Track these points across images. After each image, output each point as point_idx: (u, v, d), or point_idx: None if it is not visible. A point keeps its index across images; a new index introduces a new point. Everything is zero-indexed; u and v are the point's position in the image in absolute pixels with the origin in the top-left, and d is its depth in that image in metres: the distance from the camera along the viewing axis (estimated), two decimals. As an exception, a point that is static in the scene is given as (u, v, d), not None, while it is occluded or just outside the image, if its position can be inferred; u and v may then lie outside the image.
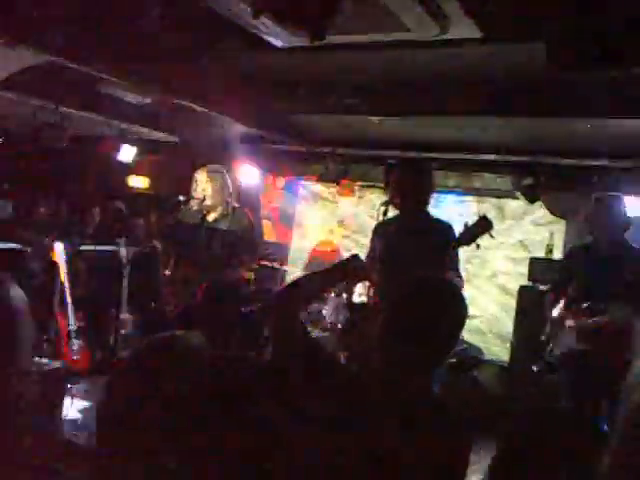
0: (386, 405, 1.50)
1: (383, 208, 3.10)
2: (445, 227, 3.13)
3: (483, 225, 2.77)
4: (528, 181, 4.85)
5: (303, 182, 6.90)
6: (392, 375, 1.57)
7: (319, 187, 6.61)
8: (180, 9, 2.69)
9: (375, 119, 4.08)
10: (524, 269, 5.18)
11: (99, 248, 5.15)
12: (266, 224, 7.02)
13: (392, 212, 3.20)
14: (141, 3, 2.64)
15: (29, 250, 4.91)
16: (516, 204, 5.50)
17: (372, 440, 1.44)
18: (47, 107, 4.52)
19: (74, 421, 3.64)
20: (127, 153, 5.45)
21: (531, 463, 1.10)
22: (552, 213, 5.30)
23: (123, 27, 2.93)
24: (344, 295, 5.17)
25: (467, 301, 1.71)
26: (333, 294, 5.24)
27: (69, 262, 4.70)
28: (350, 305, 3.31)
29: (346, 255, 2.15)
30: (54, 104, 4.46)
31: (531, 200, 4.96)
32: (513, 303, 5.15)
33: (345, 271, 2.01)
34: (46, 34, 2.69)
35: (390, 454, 1.43)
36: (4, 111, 4.83)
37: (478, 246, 2.79)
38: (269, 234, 7.02)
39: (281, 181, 7.05)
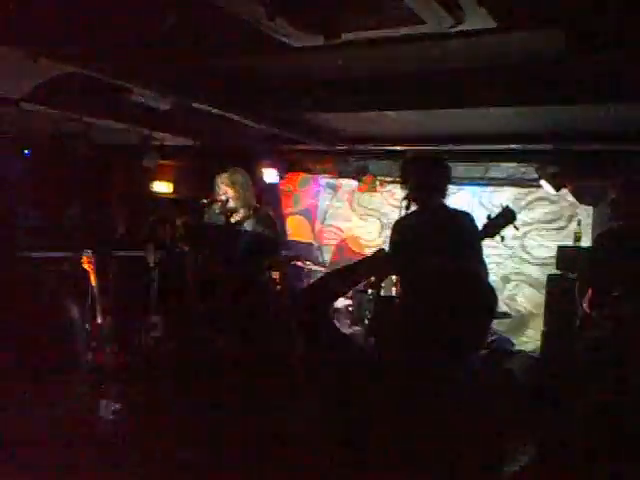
0: (419, 396, 1.50)
1: (405, 202, 3.09)
2: (464, 217, 3.10)
3: (506, 216, 2.75)
4: (553, 169, 4.78)
5: (326, 179, 6.91)
6: (422, 368, 1.57)
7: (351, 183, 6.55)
8: (196, 12, 2.72)
9: (392, 114, 4.07)
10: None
11: (127, 253, 5.25)
12: (301, 220, 7.06)
13: (415, 206, 3.19)
14: (158, 8, 2.67)
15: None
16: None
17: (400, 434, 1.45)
18: (71, 117, 4.61)
19: (108, 422, 3.70)
20: (151, 159, 5.53)
21: None
22: (579, 200, 5.22)
23: (140, 32, 2.98)
24: (369, 290, 5.18)
25: (495, 292, 1.69)
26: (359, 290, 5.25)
27: (99, 268, 4.79)
28: (377, 299, 3.31)
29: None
30: (77, 114, 4.56)
31: (557, 188, 4.90)
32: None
33: (371, 266, 2.02)
34: (66, 45, 2.75)
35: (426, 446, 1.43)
36: (30, 123, 4.95)
37: (502, 238, 2.77)
38: (305, 231, 7.05)
39: (306, 179, 7.08)
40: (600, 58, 2.69)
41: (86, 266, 4.74)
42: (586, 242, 5.00)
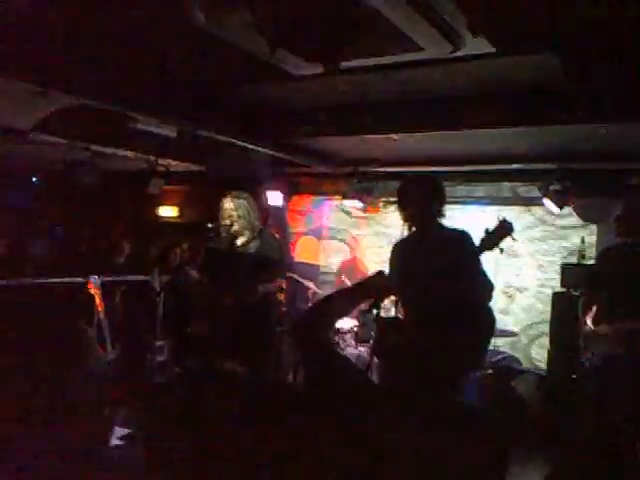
0: (418, 419, 1.51)
1: (406, 225, 3.12)
2: (461, 236, 3.11)
3: (504, 228, 2.78)
4: (556, 187, 4.82)
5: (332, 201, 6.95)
6: (421, 386, 1.58)
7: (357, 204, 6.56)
8: (199, 44, 2.79)
9: (394, 136, 4.13)
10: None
11: (133, 278, 5.28)
12: (312, 240, 7.10)
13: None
14: (166, 41, 2.75)
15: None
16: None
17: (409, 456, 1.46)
18: (78, 146, 4.70)
19: (115, 448, 3.69)
20: (156, 185, 5.60)
21: None
22: (582, 218, 5.25)
23: (148, 63, 3.05)
24: (374, 311, 5.17)
25: (493, 312, 1.72)
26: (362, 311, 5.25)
27: (104, 294, 4.83)
28: (378, 321, 3.32)
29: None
30: (84, 143, 4.64)
31: (560, 206, 4.92)
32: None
33: (371, 287, 2.03)
34: (75, 78, 2.83)
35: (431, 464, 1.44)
36: (39, 153, 5.03)
37: (501, 250, 2.79)
38: (315, 251, 7.08)
39: (308, 201, 7.14)
40: (599, 79, 2.75)
41: (92, 291, 4.78)
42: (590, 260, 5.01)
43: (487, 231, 2.80)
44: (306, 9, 1.43)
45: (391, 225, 6.43)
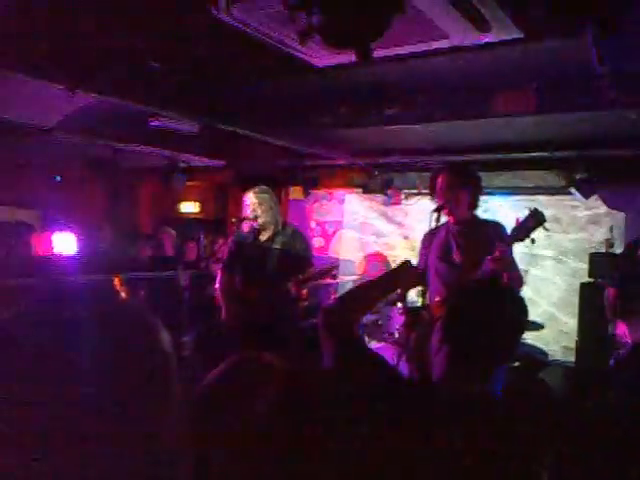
0: (449, 412, 1.48)
1: (435, 215, 3.08)
2: (494, 226, 3.08)
3: (536, 219, 2.73)
4: (582, 175, 4.73)
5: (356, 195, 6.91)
6: (452, 380, 1.55)
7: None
8: (223, 38, 2.78)
9: (432, 128, 4.08)
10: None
11: (158, 275, 5.31)
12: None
13: (445, 218, 3.18)
14: (189, 36, 2.74)
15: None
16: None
17: (438, 448, 1.43)
18: (100, 143, 4.73)
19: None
20: (178, 181, 5.62)
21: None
22: (609, 207, 5.14)
23: (168, 60, 3.05)
24: (399, 304, 5.15)
25: (525, 303, 1.68)
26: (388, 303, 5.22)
27: (130, 291, 4.87)
28: (405, 311, 3.29)
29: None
30: (106, 140, 4.67)
31: (586, 195, 4.83)
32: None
33: (397, 278, 2.00)
34: (101, 76, 2.84)
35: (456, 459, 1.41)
36: (62, 150, 5.08)
37: (533, 240, 2.75)
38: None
39: (328, 195, 7.11)
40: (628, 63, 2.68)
41: (118, 288, 4.82)
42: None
43: (518, 221, 2.76)
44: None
45: (414, 217, 6.39)
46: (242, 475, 0.96)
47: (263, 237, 4.13)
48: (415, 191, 6.12)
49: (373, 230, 6.88)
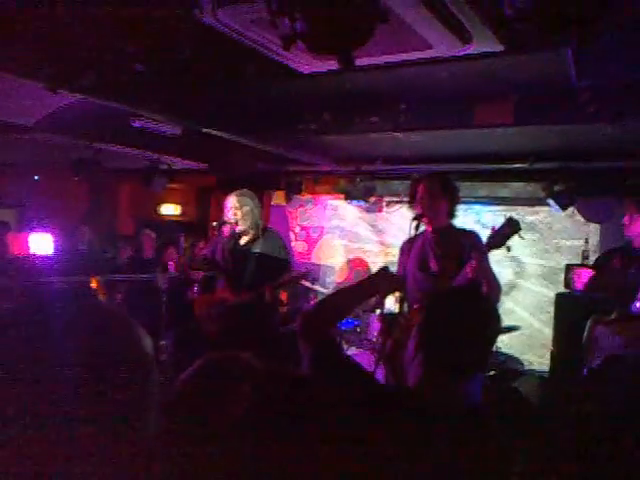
0: (423, 419, 1.49)
1: (415, 223, 3.11)
2: (470, 235, 3.12)
3: (511, 226, 2.78)
4: (560, 187, 4.81)
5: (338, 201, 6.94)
6: (426, 387, 1.56)
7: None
8: (209, 41, 2.78)
9: (414, 137, 4.12)
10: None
11: (136, 277, 5.27)
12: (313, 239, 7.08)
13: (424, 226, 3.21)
14: (172, 37, 2.73)
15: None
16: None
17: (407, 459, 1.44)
18: (81, 144, 4.69)
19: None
20: (159, 183, 5.58)
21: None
22: (586, 218, 5.24)
23: (151, 62, 3.04)
24: (377, 311, 5.17)
25: (499, 310, 1.70)
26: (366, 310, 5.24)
27: (108, 293, 4.82)
28: (382, 318, 3.32)
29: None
30: (88, 140, 4.63)
31: (564, 206, 4.91)
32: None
33: (375, 284, 2.01)
34: (84, 76, 2.81)
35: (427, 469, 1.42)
36: (41, 150, 5.01)
37: (509, 248, 2.79)
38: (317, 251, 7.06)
39: (311, 200, 7.12)
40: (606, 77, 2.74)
41: (95, 289, 4.78)
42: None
43: (494, 229, 2.80)
44: (322, 5, 1.43)
45: (396, 224, 6.43)
46: (213, 473, 0.96)
47: (243, 241, 4.12)
48: (397, 199, 6.17)
49: (356, 236, 6.91)
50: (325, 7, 1.42)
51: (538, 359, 5.65)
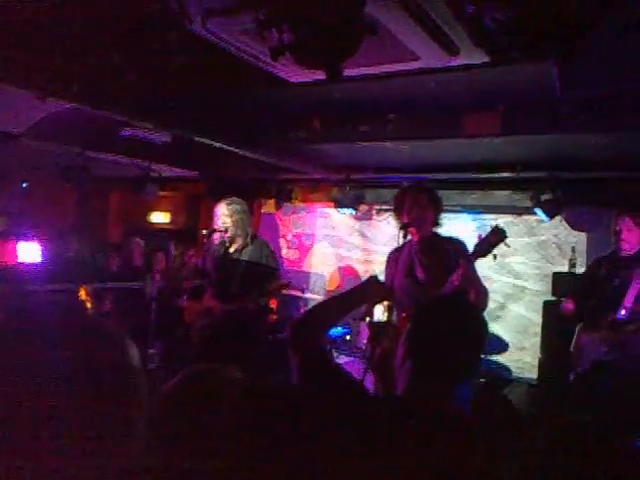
0: (412, 427, 1.50)
1: (402, 231, 3.13)
2: (455, 243, 3.15)
3: (497, 235, 2.81)
4: (547, 196, 4.86)
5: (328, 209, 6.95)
6: (415, 395, 1.57)
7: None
8: (199, 50, 2.79)
9: (403, 146, 4.16)
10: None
11: (125, 285, 5.25)
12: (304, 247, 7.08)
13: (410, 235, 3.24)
14: (160, 47, 2.74)
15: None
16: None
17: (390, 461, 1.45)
18: (71, 151, 4.67)
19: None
20: (150, 191, 5.57)
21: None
22: (573, 227, 5.29)
23: (141, 71, 3.05)
24: (367, 319, 5.18)
25: (486, 318, 1.73)
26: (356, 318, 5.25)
27: (96, 301, 4.80)
28: (370, 326, 3.34)
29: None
30: (78, 148, 4.61)
31: (551, 215, 4.96)
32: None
33: (364, 293, 2.03)
34: (73, 84, 2.81)
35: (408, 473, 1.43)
36: (30, 157, 4.99)
37: (495, 256, 2.82)
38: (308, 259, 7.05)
39: (300, 208, 7.14)
40: (592, 88, 2.78)
41: (83, 298, 4.75)
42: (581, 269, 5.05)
43: (480, 237, 2.83)
44: (310, 16, 1.44)
45: (385, 232, 6.46)
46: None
47: (232, 249, 4.13)
48: (386, 207, 6.19)
49: (347, 244, 6.93)
50: (312, 19, 1.44)
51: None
